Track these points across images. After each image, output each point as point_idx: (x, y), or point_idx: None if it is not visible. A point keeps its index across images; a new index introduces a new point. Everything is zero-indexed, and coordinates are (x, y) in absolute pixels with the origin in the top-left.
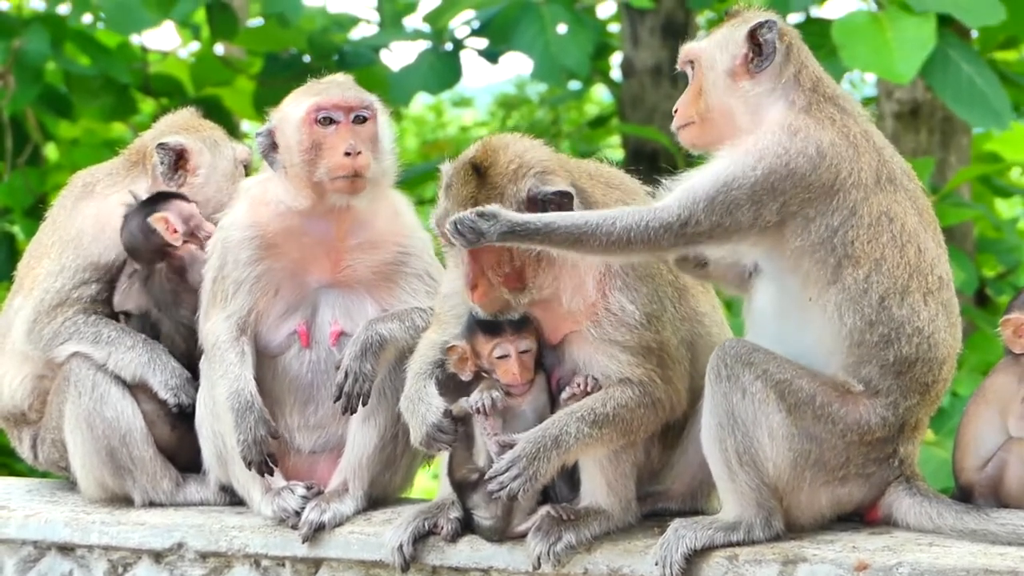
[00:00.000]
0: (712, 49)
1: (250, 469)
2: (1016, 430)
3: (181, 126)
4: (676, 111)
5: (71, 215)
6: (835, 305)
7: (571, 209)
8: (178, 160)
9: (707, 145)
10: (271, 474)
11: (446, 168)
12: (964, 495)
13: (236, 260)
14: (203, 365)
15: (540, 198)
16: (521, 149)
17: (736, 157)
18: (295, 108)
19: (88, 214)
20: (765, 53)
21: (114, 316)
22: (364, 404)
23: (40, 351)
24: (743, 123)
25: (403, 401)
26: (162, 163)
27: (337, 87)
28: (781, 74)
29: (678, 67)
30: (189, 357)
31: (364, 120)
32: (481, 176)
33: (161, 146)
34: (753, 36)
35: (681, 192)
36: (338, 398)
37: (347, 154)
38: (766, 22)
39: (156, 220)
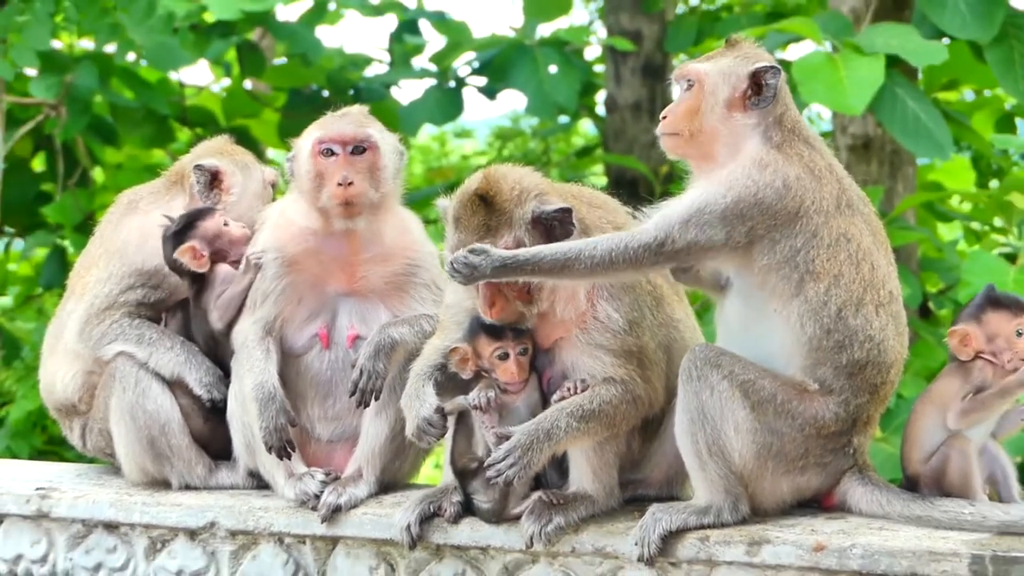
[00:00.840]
0: (716, 77)
1: (270, 453)
2: (952, 423)
3: (216, 150)
4: (664, 117)
5: (117, 229)
6: (797, 316)
7: (571, 224)
8: (213, 180)
9: (685, 156)
10: (289, 458)
11: (445, 203)
12: (911, 485)
13: (263, 275)
14: (234, 363)
15: (544, 217)
16: (519, 176)
17: (709, 187)
18: (306, 140)
19: (132, 227)
20: (764, 96)
21: (156, 320)
22: (376, 399)
23: (90, 350)
24: (723, 148)
25: (403, 398)
26: (199, 183)
27: (340, 121)
28: (769, 114)
29: (674, 80)
30: (217, 358)
31: (363, 151)
32: (488, 204)
33: (198, 167)
34: (756, 77)
35: (659, 217)
36: (353, 393)
37: (339, 184)
38: (772, 68)
39: (182, 253)
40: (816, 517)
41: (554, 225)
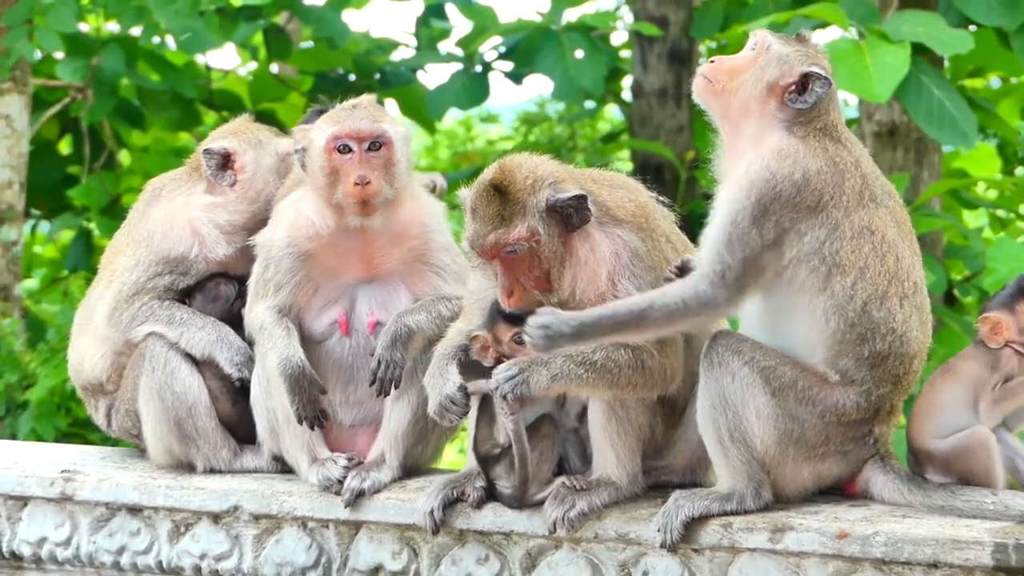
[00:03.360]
0: (775, 55)
1: (302, 424)
2: (985, 413)
3: (229, 131)
4: (713, 61)
5: (143, 218)
6: (823, 311)
7: (587, 211)
8: (225, 162)
9: (707, 107)
10: (323, 428)
11: (465, 193)
12: (915, 458)
13: (278, 267)
14: (256, 349)
15: (559, 205)
16: (533, 165)
17: (732, 193)
18: (319, 135)
19: (157, 216)
20: (805, 99)
21: (183, 303)
22: (396, 387)
23: (120, 334)
24: (748, 126)
25: (427, 377)
26: (208, 166)
27: (354, 117)
28: (803, 116)
29: (751, 33)
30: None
31: (379, 147)
32: (502, 194)
33: (207, 152)
34: (807, 78)
35: (704, 251)
36: (373, 382)
37: (356, 184)
38: (824, 78)
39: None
40: (839, 504)
41: (570, 213)
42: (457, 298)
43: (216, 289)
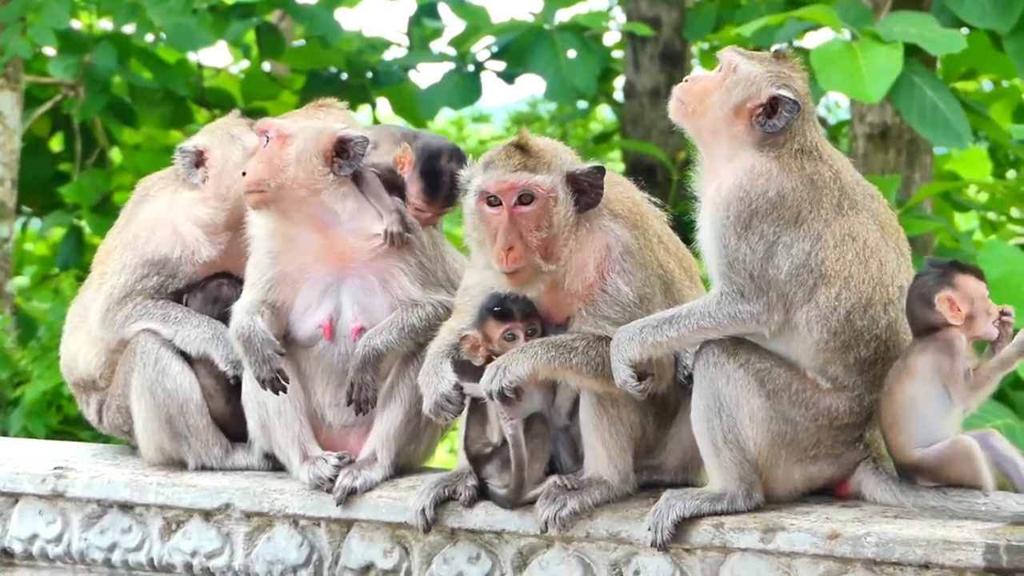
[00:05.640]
0: (742, 77)
1: (265, 388)
2: (959, 402)
3: (207, 128)
4: (688, 80)
5: (130, 220)
6: (805, 321)
7: (600, 188)
8: (200, 160)
9: (680, 125)
10: (284, 391)
11: (466, 171)
12: (903, 471)
13: (256, 263)
14: None
15: (578, 174)
16: (550, 140)
17: (713, 214)
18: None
19: (142, 219)
20: (774, 123)
21: (178, 301)
22: (373, 406)
23: (113, 334)
24: (720, 148)
25: (421, 375)
26: (182, 165)
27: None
28: (772, 138)
29: (717, 56)
30: None
31: (267, 140)
32: (525, 151)
33: (180, 150)
34: (775, 101)
35: (713, 273)
36: (349, 403)
37: (243, 174)
38: (793, 102)
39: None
40: (831, 505)
41: (585, 188)
42: (433, 303)
43: (217, 291)
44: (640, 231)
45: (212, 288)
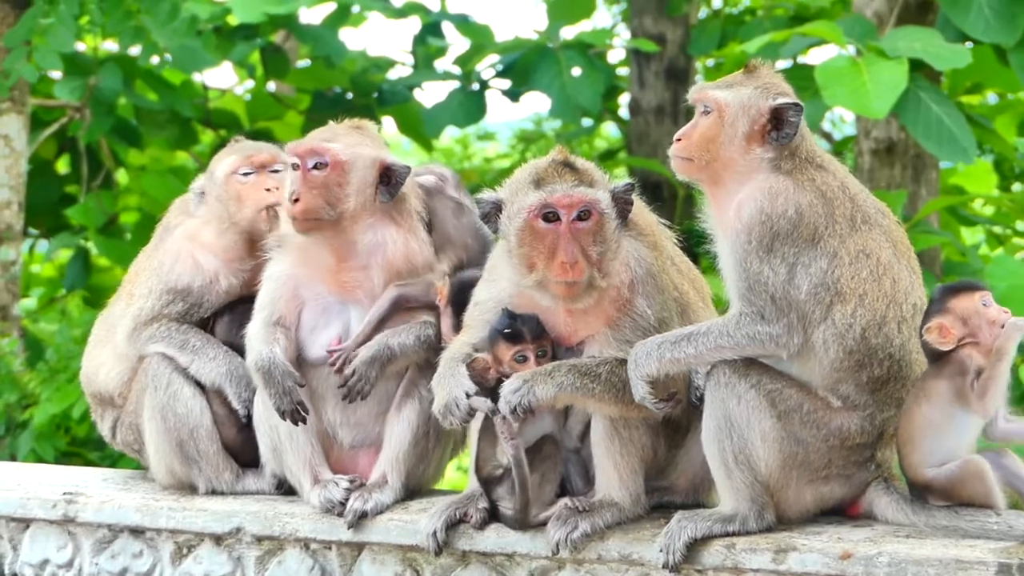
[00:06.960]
0: (737, 108)
1: (284, 419)
2: (977, 411)
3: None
4: (678, 139)
5: (156, 247)
6: (823, 340)
7: (630, 203)
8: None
9: (695, 180)
10: (304, 422)
11: (492, 195)
12: (914, 491)
13: (267, 285)
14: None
15: (618, 192)
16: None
17: (735, 242)
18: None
19: (168, 245)
20: (786, 132)
21: (203, 325)
22: (362, 400)
23: (136, 351)
24: (735, 175)
25: (435, 379)
26: (193, 200)
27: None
28: (786, 148)
29: (691, 102)
30: None
31: (325, 166)
32: (574, 169)
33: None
34: (778, 112)
35: (733, 298)
36: (341, 387)
37: (288, 201)
38: (795, 105)
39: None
40: (842, 525)
41: (622, 204)
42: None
43: (243, 316)
44: (657, 252)
45: (240, 311)
